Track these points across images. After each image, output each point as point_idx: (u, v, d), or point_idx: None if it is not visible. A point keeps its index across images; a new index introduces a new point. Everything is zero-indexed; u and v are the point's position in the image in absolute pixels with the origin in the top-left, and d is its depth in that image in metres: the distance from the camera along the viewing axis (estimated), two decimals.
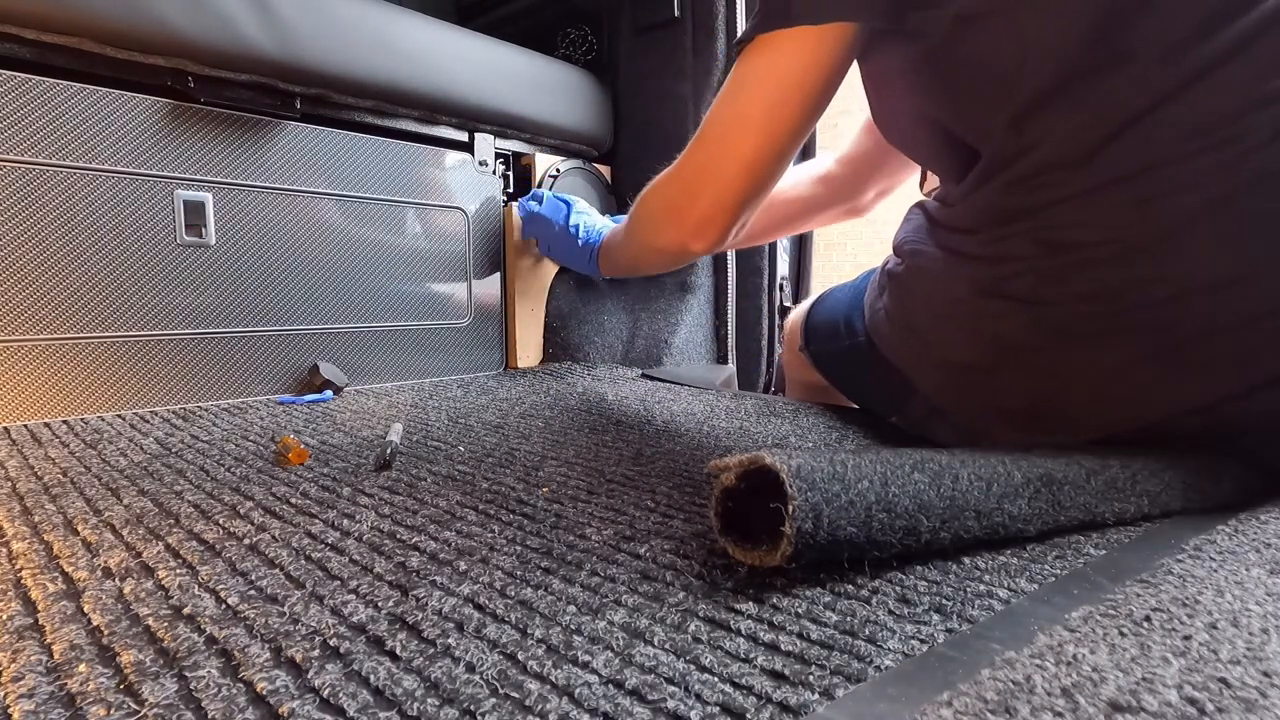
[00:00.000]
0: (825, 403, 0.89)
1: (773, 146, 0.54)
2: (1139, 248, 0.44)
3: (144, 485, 0.52)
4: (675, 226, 0.61)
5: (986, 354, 0.53)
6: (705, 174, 0.57)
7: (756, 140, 0.53)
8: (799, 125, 0.53)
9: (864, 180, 0.84)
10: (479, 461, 0.60)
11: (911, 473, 0.37)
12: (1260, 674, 0.26)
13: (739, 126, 0.54)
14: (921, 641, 0.30)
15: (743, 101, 0.53)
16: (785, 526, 0.33)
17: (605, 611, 0.33)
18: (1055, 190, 0.46)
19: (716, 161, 0.56)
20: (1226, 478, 0.46)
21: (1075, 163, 0.45)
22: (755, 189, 0.57)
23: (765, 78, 0.52)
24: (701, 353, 1.23)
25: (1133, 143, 0.43)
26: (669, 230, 0.62)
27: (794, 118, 0.52)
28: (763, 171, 0.55)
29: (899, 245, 0.63)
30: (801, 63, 0.50)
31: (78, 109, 0.72)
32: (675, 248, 0.63)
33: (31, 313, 0.71)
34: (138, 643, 0.30)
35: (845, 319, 0.75)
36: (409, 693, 0.27)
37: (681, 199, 0.60)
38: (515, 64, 1.09)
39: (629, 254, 0.78)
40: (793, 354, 0.93)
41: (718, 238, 0.60)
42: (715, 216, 0.58)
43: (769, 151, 0.54)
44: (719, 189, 0.57)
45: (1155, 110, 0.42)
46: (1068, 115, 0.44)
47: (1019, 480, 0.39)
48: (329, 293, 0.93)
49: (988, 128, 0.49)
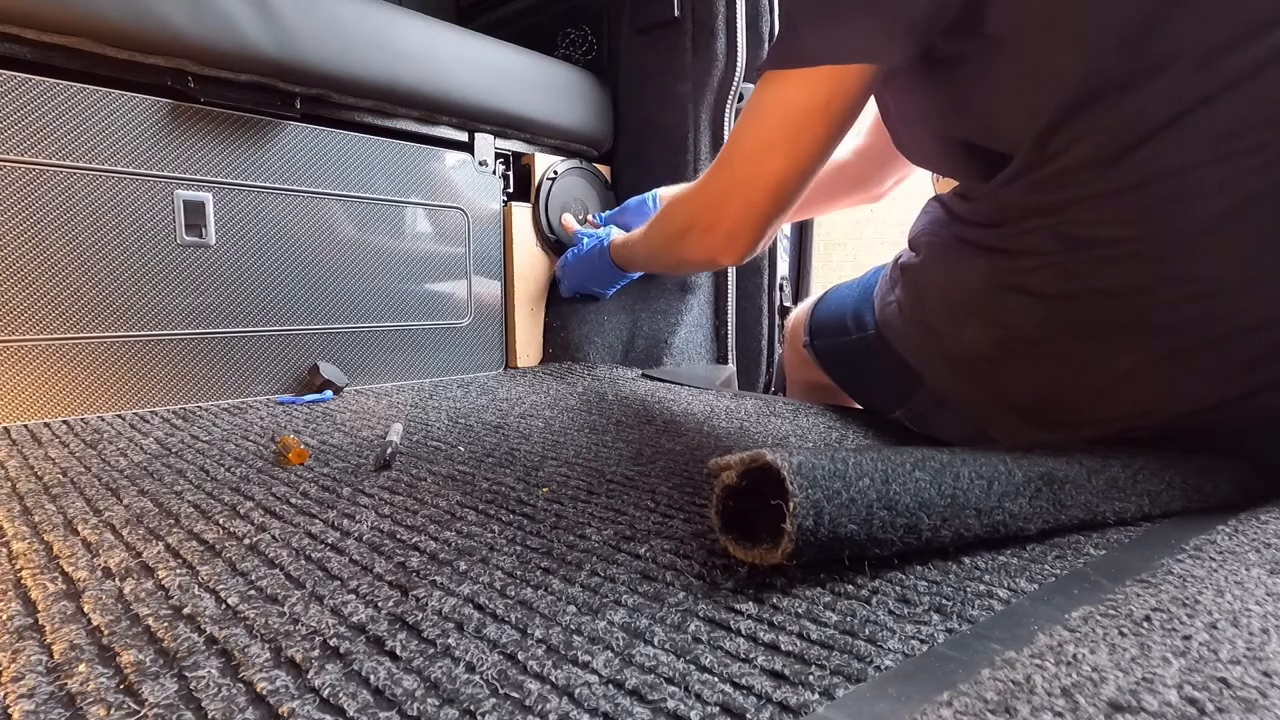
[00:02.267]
0: (826, 403, 0.89)
1: (798, 168, 0.55)
2: (1161, 247, 0.44)
3: (144, 485, 0.52)
4: (703, 241, 0.63)
5: (999, 347, 0.53)
6: (732, 193, 0.59)
7: (782, 164, 0.55)
8: (823, 148, 0.54)
9: (881, 170, 0.84)
10: (479, 461, 0.60)
11: (913, 471, 0.37)
12: (1260, 674, 0.26)
13: (764, 150, 0.55)
14: (921, 641, 0.30)
15: (768, 127, 0.54)
16: (786, 523, 0.33)
17: (605, 611, 0.33)
18: (1081, 188, 0.46)
19: (744, 182, 0.57)
20: (1227, 478, 0.46)
21: (1104, 163, 0.45)
22: (782, 207, 0.58)
23: (786, 108, 0.52)
24: (701, 353, 1.22)
25: (1163, 147, 0.43)
26: (697, 244, 0.64)
27: (818, 142, 0.53)
28: (789, 190, 0.57)
29: (915, 238, 0.63)
30: (824, 95, 0.51)
31: (78, 109, 0.72)
32: (703, 259, 0.65)
33: (31, 313, 0.71)
34: (138, 643, 0.30)
35: (854, 313, 0.75)
36: (409, 693, 0.27)
37: (709, 216, 0.61)
38: (515, 64, 1.09)
39: (651, 256, 0.81)
40: (794, 353, 0.93)
41: (745, 251, 0.62)
42: (742, 232, 0.60)
43: (794, 173, 0.55)
44: (746, 208, 0.58)
45: (1186, 115, 0.42)
46: (1099, 121, 0.44)
47: (1020, 479, 0.39)
48: (329, 293, 0.93)
49: (1016, 139, 0.49)
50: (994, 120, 0.50)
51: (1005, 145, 0.50)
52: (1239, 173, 0.41)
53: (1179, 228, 0.43)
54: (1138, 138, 0.43)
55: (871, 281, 0.74)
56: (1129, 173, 0.44)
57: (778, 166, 0.55)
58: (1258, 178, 0.41)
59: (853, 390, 0.83)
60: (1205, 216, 0.43)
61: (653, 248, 0.77)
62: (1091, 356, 0.48)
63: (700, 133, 1.17)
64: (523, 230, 1.14)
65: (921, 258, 0.61)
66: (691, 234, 0.64)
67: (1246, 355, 0.44)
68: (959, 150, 0.54)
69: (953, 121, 0.53)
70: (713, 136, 1.18)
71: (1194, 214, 0.43)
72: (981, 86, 0.49)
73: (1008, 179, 0.50)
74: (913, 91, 0.55)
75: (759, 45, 1.15)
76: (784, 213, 0.59)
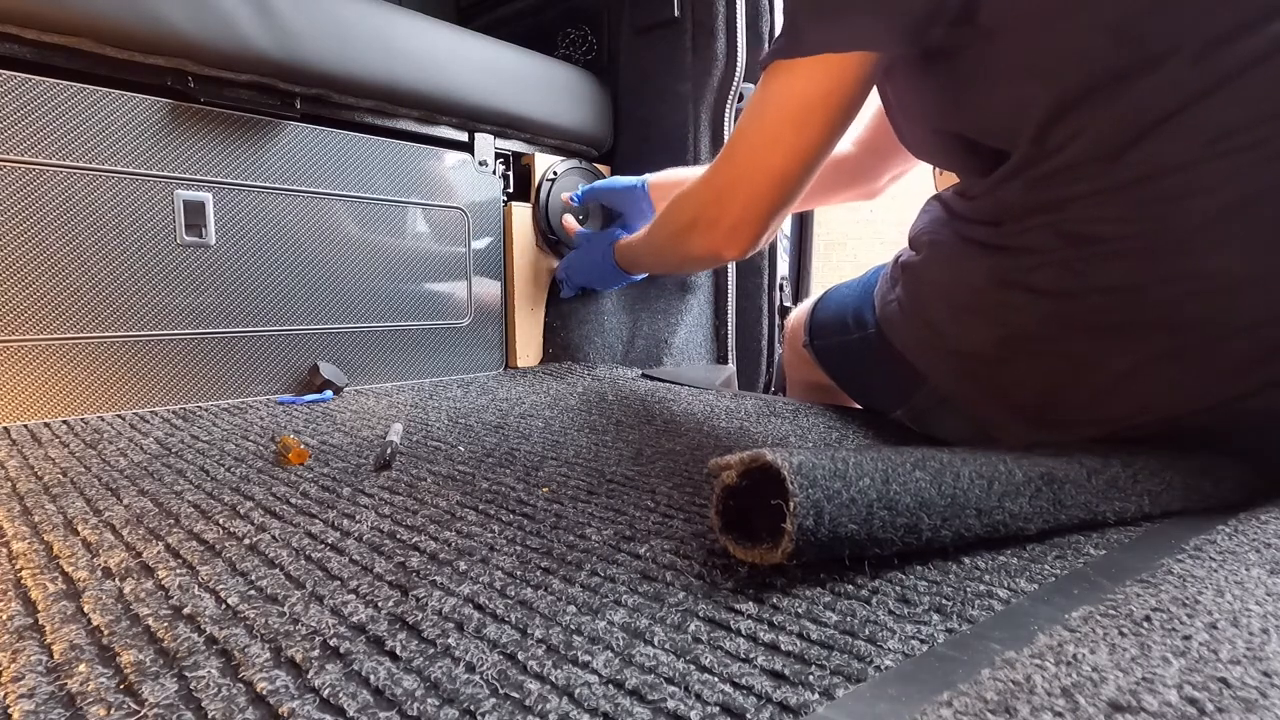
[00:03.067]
0: (826, 403, 0.89)
1: (801, 160, 0.55)
2: (1161, 244, 0.44)
3: (144, 485, 0.52)
4: (707, 236, 0.63)
5: (1002, 345, 0.53)
6: (736, 187, 0.59)
7: (784, 158, 0.55)
8: (824, 141, 0.55)
9: (878, 164, 0.84)
10: (479, 461, 0.60)
11: (913, 470, 0.37)
12: (1260, 674, 0.26)
13: (767, 143, 0.55)
14: (921, 641, 0.30)
15: (770, 120, 0.54)
16: (787, 523, 0.33)
17: (605, 611, 0.33)
18: (1081, 185, 0.46)
19: (747, 176, 0.58)
20: (1228, 477, 0.46)
21: (1102, 159, 0.45)
22: (785, 200, 0.58)
23: (787, 100, 0.53)
24: (701, 353, 1.22)
25: (1159, 143, 0.43)
26: (701, 239, 0.64)
27: (820, 134, 0.54)
28: (792, 183, 0.57)
29: (915, 237, 0.63)
30: (825, 86, 0.51)
31: (78, 109, 0.72)
32: (708, 255, 0.65)
33: (31, 313, 0.71)
34: (138, 643, 0.30)
35: (854, 312, 0.75)
36: (409, 693, 0.27)
37: (713, 210, 0.62)
38: (515, 64, 1.09)
39: (656, 255, 0.81)
40: (794, 353, 0.93)
41: (749, 245, 0.62)
42: (746, 226, 0.60)
43: (797, 165, 0.55)
44: (749, 201, 0.59)
45: (1182, 112, 0.42)
46: (1096, 116, 0.44)
47: (1020, 478, 0.39)
48: (329, 293, 0.93)
49: (1013, 134, 0.49)
50: (990, 115, 0.50)
51: (1002, 141, 0.50)
52: (1239, 169, 0.41)
53: (1179, 225, 0.43)
54: (1136, 133, 0.43)
55: (871, 281, 0.74)
56: (1128, 169, 0.44)
57: (781, 159, 0.55)
58: (1258, 174, 0.41)
59: (853, 390, 0.83)
60: (1205, 213, 0.42)
61: (657, 246, 0.78)
62: (1092, 355, 0.48)
63: (700, 133, 1.17)
64: (523, 230, 1.14)
65: (923, 256, 0.61)
66: (696, 229, 0.64)
67: (1247, 354, 0.44)
68: (958, 145, 0.54)
69: (950, 116, 0.53)
70: (713, 136, 1.18)
71: (1194, 211, 0.43)
72: (978, 80, 0.49)
73: (1007, 175, 0.50)
74: (912, 85, 0.55)
75: (759, 45, 1.15)
76: (788, 205, 0.59)
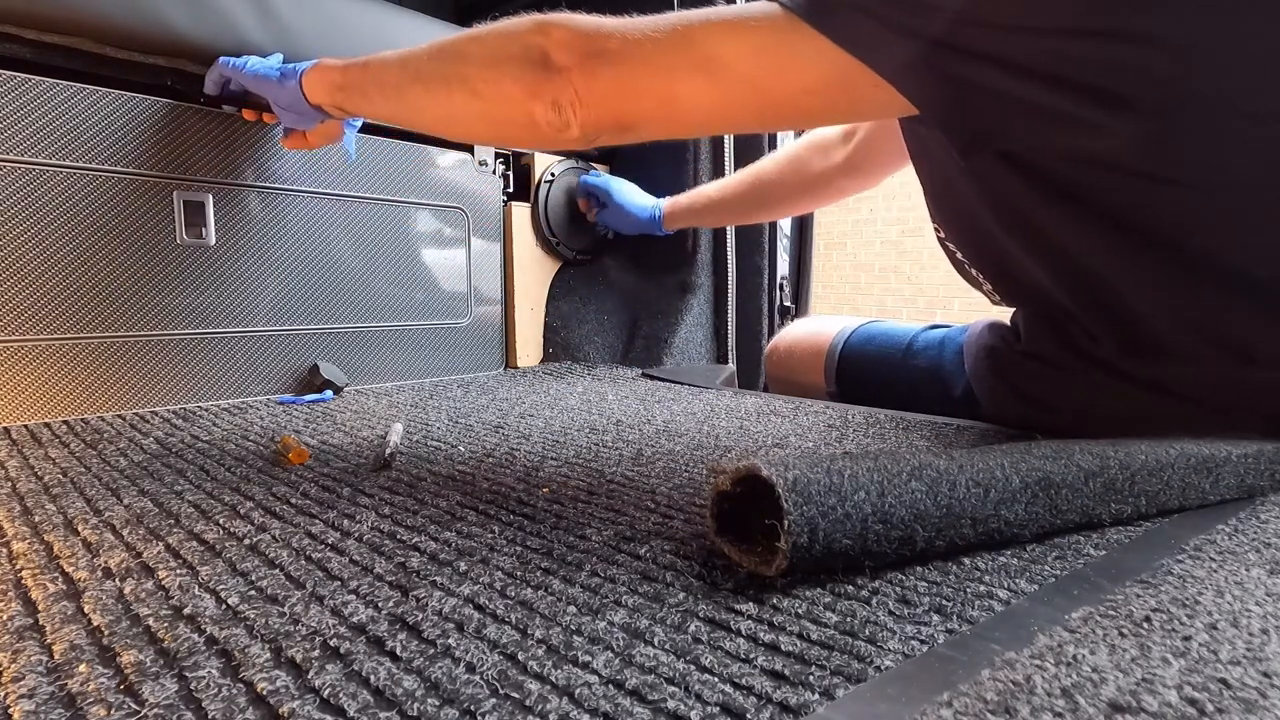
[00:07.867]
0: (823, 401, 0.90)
1: (723, 124, 0.48)
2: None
3: (144, 485, 0.52)
4: (539, 83, 0.46)
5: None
6: (624, 60, 0.45)
7: (695, 96, 0.44)
8: (749, 126, 0.47)
9: (875, 162, 0.85)
10: (479, 461, 0.60)
11: (909, 481, 0.36)
12: (1260, 674, 0.26)
13: (696, 64, 0.44)
14: (921, 642, 0.30)
15: (727, 53, 0.44)
16: (780, 542, 0.33)
17: (605, 612, 0.33)
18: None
19: (662, 81, 0.45)
20: (1227, 476, 0.46)
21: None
22: (662, 132, 0.48)
23: (772, 64, 0.44)
24: (701, 352, 1.22)
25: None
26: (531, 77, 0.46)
27: (755, 115, 0.46)
28: (686, 128, 0.47)
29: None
30: (822, 79, 0.44)
31: (78, 109, 0.72)
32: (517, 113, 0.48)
33: (32, 313, 0.71)
34: (138, 643, 0.30)
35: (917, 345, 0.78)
36: (409, 693, 0.27)
37: (571, 55, 0.46)
38: None
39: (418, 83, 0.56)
40: (779, 364, 0.95)
41: (579, 135, 0.48)
42: (602, 117, 0.47)
43: (717, 124, 0.47)
44: (636, 100, 0.46)
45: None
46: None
47: (1017, 485, 0.39)
48: (329, 293, 0.93)
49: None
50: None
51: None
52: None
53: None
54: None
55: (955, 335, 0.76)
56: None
57: (706, 108, 0.44)
58: None
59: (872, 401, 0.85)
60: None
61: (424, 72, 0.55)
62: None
63: None
64: (523, 230, 1.14)
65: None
66: (529, 64, 0.46)
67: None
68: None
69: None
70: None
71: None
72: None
73: None
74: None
75: None
76: (636, 136, 0.48)
